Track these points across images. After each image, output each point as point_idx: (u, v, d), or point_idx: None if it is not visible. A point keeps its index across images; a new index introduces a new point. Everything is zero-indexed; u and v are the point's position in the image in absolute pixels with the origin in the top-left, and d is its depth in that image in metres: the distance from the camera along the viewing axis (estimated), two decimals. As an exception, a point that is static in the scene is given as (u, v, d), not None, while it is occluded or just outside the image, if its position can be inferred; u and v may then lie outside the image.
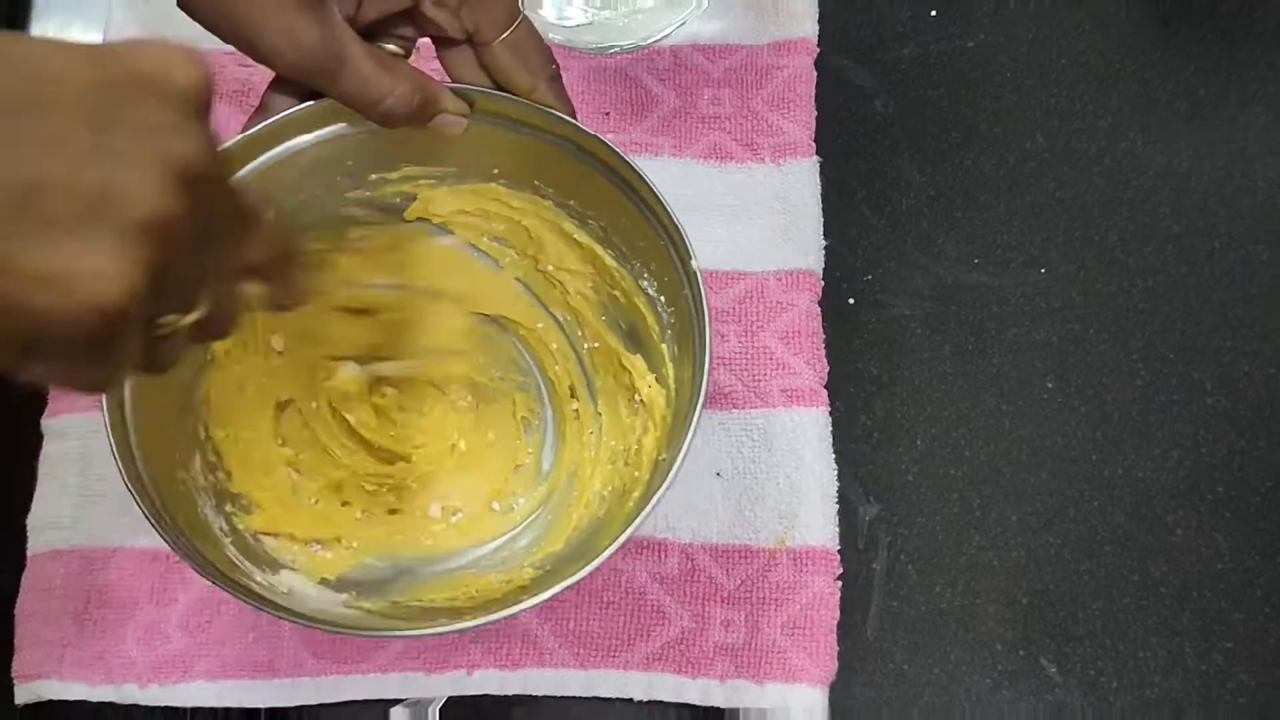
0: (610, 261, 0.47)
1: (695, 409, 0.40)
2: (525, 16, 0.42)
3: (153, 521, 0.38)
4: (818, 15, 0.58)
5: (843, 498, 0.51)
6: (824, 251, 0.55)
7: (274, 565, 0.45)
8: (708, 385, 0.41)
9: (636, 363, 0.47)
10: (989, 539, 0.51)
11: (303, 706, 0.48)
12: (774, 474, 0.51)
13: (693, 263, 0.43)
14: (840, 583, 0.49)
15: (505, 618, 0.38)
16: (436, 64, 0.43)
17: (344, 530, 0.48)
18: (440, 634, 0.39)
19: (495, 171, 0.47)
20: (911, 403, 0.53)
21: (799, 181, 0.55)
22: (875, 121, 0.58)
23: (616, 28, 0.57)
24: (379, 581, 0.47)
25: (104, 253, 0.25)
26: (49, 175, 0.24)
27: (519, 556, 0.48)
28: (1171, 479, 0.51)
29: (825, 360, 0.53)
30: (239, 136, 0.42)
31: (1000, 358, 0.54)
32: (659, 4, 0.57)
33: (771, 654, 0.48)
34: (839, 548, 0.50)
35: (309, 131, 0.44)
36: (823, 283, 0.54)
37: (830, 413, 0.52)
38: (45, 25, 0.60)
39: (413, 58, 0.43)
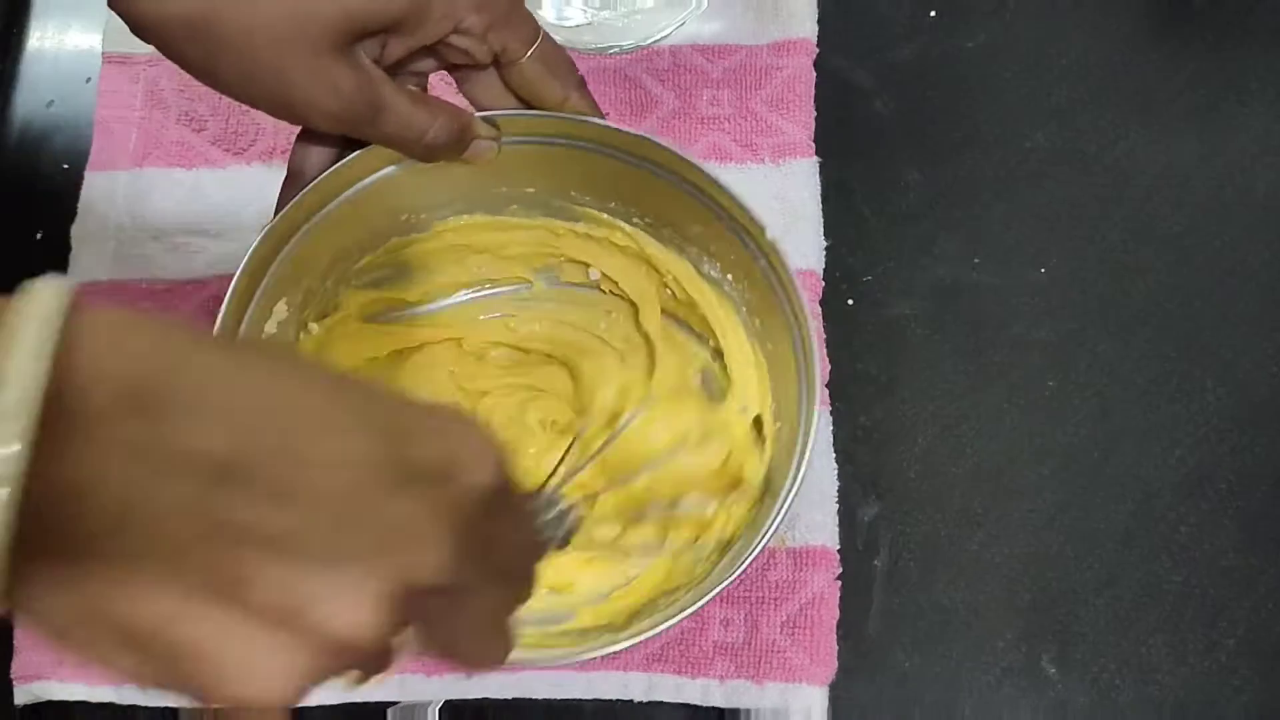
0: (657, 251, 0.48)
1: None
2: (545, 30, 0.42)
3: None
4: (817, 15, 0.58)
5: (843, 497, 0.51)
6: (824, 252, 0.55)
7: None
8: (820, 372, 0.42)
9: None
10: (991, 536, 0.50)
11: (300, 707, 0.48)
12: (774, 473, 0.51)
13: (767, 234, 0.43)
14: (840, 582, 0.49)
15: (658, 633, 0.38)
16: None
17: None
18: (604, 654, 0.39)
19: (531, 191, 0.48)
20: (912, 402, 0.53)
21: (798, 182, 0.55)
22: (875, 121, 0.57)
23: (616, 28, 0.57)
24: None
25: (360, 597, 0.22)
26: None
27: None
28: (1174, 476, 0.51)
29: (826, 360, 0.53)
30: (288, 207, 0.41)
31: (1001, 357, 0.53)
32: (658, 4, 0.57)
33: (771, 653, 0.48)
34: (839, 547, 0.50)
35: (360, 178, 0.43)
36: (823, 283, 0.54)
37: (831, 412, 0.52)
38: (45, 25, 0.61)
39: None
